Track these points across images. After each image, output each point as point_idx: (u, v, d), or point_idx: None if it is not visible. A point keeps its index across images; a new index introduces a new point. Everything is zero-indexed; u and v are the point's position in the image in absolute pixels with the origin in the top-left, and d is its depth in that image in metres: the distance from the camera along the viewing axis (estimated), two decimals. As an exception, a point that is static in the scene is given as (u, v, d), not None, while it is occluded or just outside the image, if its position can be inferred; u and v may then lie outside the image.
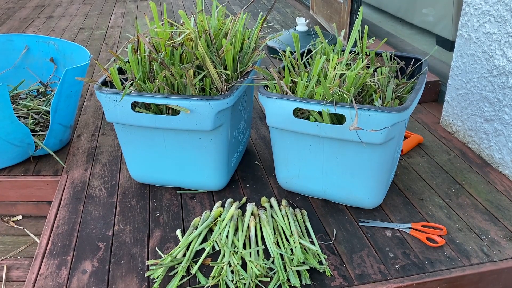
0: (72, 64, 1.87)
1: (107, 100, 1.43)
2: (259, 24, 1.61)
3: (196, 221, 1.48)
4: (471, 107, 1.88)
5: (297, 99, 1.33)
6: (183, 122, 1.41)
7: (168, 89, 1.43)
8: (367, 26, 1.57)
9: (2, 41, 2.30)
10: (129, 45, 1.47)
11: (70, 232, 1.51)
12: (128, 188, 1.72)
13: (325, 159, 1.44)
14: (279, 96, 1.36)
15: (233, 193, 1.66)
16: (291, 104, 1.34)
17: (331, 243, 1.42)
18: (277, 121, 1.40)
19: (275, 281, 1.25)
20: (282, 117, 1.38)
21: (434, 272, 1.30)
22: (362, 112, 1.26)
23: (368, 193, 1.48)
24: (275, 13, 4.35)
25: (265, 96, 1.38)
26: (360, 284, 1.27)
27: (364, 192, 1.48)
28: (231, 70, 1.49)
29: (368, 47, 1.59)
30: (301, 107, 1.33)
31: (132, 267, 1.35)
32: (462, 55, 1.90)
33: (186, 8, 4.68)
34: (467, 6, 1.83)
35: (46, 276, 1.33)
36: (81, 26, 4.18)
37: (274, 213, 1.49)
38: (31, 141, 1.84)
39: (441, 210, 1.56)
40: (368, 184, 1.46)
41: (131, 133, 1.54)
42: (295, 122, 1.37)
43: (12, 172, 1.87)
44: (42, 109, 2.03)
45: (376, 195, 1.50)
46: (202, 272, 1.31)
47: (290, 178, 1.57)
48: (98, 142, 2.07)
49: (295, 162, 1.51)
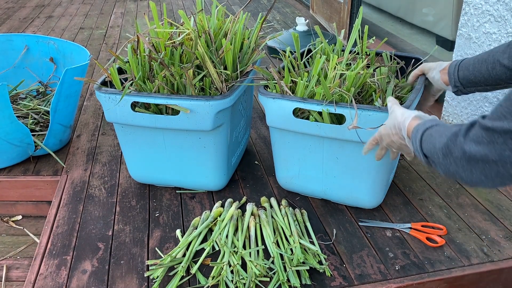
0: (72, 64, 1.87)
1: (107, 100, 1.43)
2: (259, 24, 1.61)
3: (196, 221, 1.48)
4: (471, 107, 1.88)
5: (297, 99, 1.33)
6: (183, 122, 1.41)
7: (168, 89, 1.42)
8: (367, 26, 1.57)
9: (2, 41, 2.30)
10: (129, 45, 1.47)
11: (69, 232, 1.50)
12: (128, 188, 1.71)
13: (325, 159, 1.44)
14: (279, 96, 1.36)
15: (233, 193, 1.66)
16: (291, 104, 1.34)
17: (331, 243, 1.42)
18: (277, 121, 1.40)
19: (275, 281, 1.25)
20: (282, 117, 1.38)
21: (434, 272, 1.30)
22: (362, 112, 1.26)
23: (368, 193, 1.48)
24: (275, 13, 4.35)
25: (265, 96, 1.38)
26: (360, 284, 1.27)
27: (364, 192, 1.48)
28: (231, 70, 1.49)
29: (368, 47, 1.59)
30: (301, 107, 1.32)
31: (132, 267, 1.35)
32: (462, 55, 1.90)
33: (186, 8, 4.68)
34: (467, 5, 1.83)
35: (45, 276, 1.33)
36: (81, 26, 4.17)
37: (274, 213, 1.49)
38: (31, 141, 1.84)
39: (441, 210, 1.55)
40: (368, 184, 1.45)
41: (131, 133, 1.53)
42: (295, 122, 1.36)
43: (12, 172, 1.87)
44: (42, 109, 2.03)
45: (376, 195, 1.50)
46: (202, 272, 1.31)
47: (290, 178, 1.57)
48: (98, 142, 2.06)
49: (295, 162, 1.51)
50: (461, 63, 1.21)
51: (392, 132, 1.07)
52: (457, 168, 0.69)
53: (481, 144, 0.64)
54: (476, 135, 0.65)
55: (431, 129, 0.83)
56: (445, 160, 0.72)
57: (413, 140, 0.90)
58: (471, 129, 0.67)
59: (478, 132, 0.65)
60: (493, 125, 0.62)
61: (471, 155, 0.65)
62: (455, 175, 0.72)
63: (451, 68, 1.23)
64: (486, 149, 0.62)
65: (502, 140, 0.60)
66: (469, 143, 0.66)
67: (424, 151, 0.83)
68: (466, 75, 1.18)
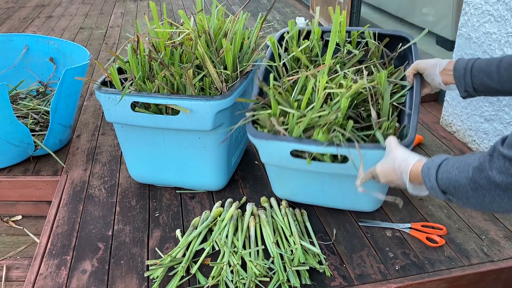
0: (72, 64, 1.87)
1: (107, 100, 1.43)
2: (259, 23, 1.61)
3: (196, 221, 1.48)
4: (471, 107, 1.88)
5: (293, 140, 1.22)
6: (182, 122, 1.40)
7: (168, 89, 1.42)
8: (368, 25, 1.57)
9: (2, 41, 2.30)
10: (129, 45, 1.47)
11: (69, 232, 1.50)
12: (128, 188, 1.71)
13: (326, 184, 1.42)
14: (273, 138, 1.24)
15: (233, 193, 1.66)
16: (288, 145, 1.23)
17: (331, 243, 1.42)
18: (273, 160, 1.33)
19: (275, 281, 1.25)
20: (278, 157, 1.29)
21: (434, 272, 1.30)
22: (366, 152, 1.18)
23: (370, 202, 1.48)
24: (275, 13, 4.35)
25: (256, 139, 1.26)
26: (360, 284, 1.27)
27: (366, 202, 1.48)
28: (230, 70, 1.48)
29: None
30: (299, 148, 1.23)
31: (131, 267, 1.35)
32: (462, 55, 1.89)
33: (186, 8, 4.67)
34: (467, 5, 1.83)
35: (45, 276, 1.33)
36: (80, 26, 4.17)
37: (274, 213, 1.49)
38: (31, 141, 1.84)
39: (441, 210, 1.55)
40: (370, 195, 1.43)
41: (131, 133, 1.53)
42: (294, 161, 1.27)
43: (12, 172, 1.87)
44: (42, 109, 2.03)
45: (377, 201, 1.50)
46: (202, 272, 1.31)
47: (288, 195, 1.55)
48: (97, 142, 2.06)
49: (295, 187, 1.49)
50: (473, 67, 1.09)
51: (390, 173, 1.04)
52: (493, 200, 0.73)
53: (506, 174, 0.68)
54: (500, 167, 0.69)
55: (445, 166, 0.84)
56: (475, 193, 0.75)
57: (425, 180, 0.89)
58: (493, 160, 0.71)
59: (501, 163, 0.69)
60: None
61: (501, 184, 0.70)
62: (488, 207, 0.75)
63: (459, 72, 1.12)
64: None
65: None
66: (497, 175, 0.70)
67: (443, 189, 0.84)
68: (485, 82, 1.07)
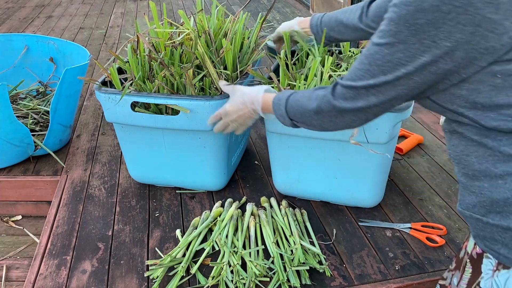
0: (72, 64, 1.87)
1: (107, 100, 1.43)
2: (259, 23, 1.61)
3: (196, 221, 1.48)
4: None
5: None
6: (182, 122, 1.40)
7: (168, 89, 1.42)
8: None
9: (2, 41, 2.30)
10: (129, 45, 1.47)
11: (69, 232, 1.50)
12: (128, 188, 1.71)
13: (327, 161, 1.44)
14: None
15: (232, 193, 1.66)
16: None
17: (331, 243, 1.42)
18: (278, 127, 1.38)
19: (275, 281, 1.25)
20: None
21: (434, 272, 1.30)
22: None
23: (370, 192, 1.48)
24: (275, 13, 4.35)
25: None
26: (360, 284, 1.27)
27: (365, 192, 1.48)
28: (230, 70, 1.48)
29: None
30: None
31: (131, 267, 1.35)
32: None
33: (186, 8, 4.68)
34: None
35: (45, 276, 1.33)
36: (80, 25, 4.18)
37: (274, 213, 1.49)
38: (31, 141, 1.84)
39: (441, 210, 1.55)
40: (370, 184, 1.45)
41: (131, 133, 1.53)
42: None
43: (12, 172, 1.87)
44: (42, 109, 2.03)
45: (377, 194, 1.51)
46: (202, 272, 1.31)
47: (289, 183, 1.56)
48: (97, 142, 2.06)
49: (296, 166, 1.50)
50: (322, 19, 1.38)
51: (240, 107, 1.14)
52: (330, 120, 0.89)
53: (348, 99, 0.83)
54: (342, 93, 0.84)
55: (294, 96, 0.98)
56: (318, 116, 0.90)
57: (275, 109, 1.02)
58: (335, 90, 0.85)
59: (343, 90, 0.83)
60: (356, 84, 0.80)
61: (341, 108, 0.84)
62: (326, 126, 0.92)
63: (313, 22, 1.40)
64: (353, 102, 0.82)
65: (364, 92, 0.79)
66: (338, 100, 0.84)
67: (290, 115, 0.98)
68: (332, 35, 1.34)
